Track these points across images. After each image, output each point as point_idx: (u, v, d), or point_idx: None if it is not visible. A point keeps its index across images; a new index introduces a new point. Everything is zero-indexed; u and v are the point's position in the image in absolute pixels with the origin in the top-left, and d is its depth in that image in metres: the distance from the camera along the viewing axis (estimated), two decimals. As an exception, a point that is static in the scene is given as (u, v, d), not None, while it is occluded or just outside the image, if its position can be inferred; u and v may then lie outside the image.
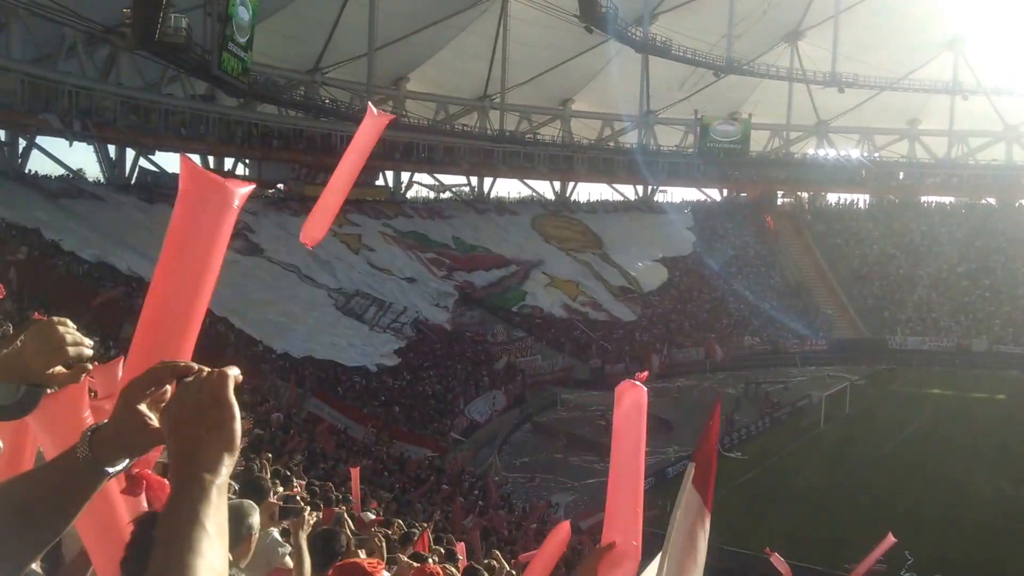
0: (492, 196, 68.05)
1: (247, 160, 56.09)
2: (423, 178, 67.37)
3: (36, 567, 2.42)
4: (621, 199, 72.81)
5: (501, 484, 31.46)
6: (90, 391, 2.33)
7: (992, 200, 72.70)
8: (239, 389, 1.54)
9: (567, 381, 48.17)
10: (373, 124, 4.41)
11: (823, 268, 66.26)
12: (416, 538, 9.18)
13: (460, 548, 12.15)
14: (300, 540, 4.54)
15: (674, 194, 74.96)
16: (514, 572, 10.24)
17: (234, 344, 34.10)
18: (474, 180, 68.28)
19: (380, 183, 61.78)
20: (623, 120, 72.49)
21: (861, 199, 75.23)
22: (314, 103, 57.26)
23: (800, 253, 68.38)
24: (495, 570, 9.62)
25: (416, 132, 60.73)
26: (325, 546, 4.83)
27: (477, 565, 7.29)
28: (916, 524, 26.64)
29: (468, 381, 42.84)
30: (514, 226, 61.82)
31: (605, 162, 69.23)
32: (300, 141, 55.31)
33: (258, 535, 3.82)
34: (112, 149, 49.37)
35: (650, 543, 3.37)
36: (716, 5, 64.19)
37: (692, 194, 75.59)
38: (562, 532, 4.45)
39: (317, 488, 12.32)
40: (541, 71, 64.96)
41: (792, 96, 71.89)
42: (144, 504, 2.36)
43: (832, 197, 76.54)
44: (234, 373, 1.55)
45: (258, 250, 44.62)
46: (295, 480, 12.17)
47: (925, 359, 55.51)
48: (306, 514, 4.84)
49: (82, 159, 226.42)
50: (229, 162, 55.94)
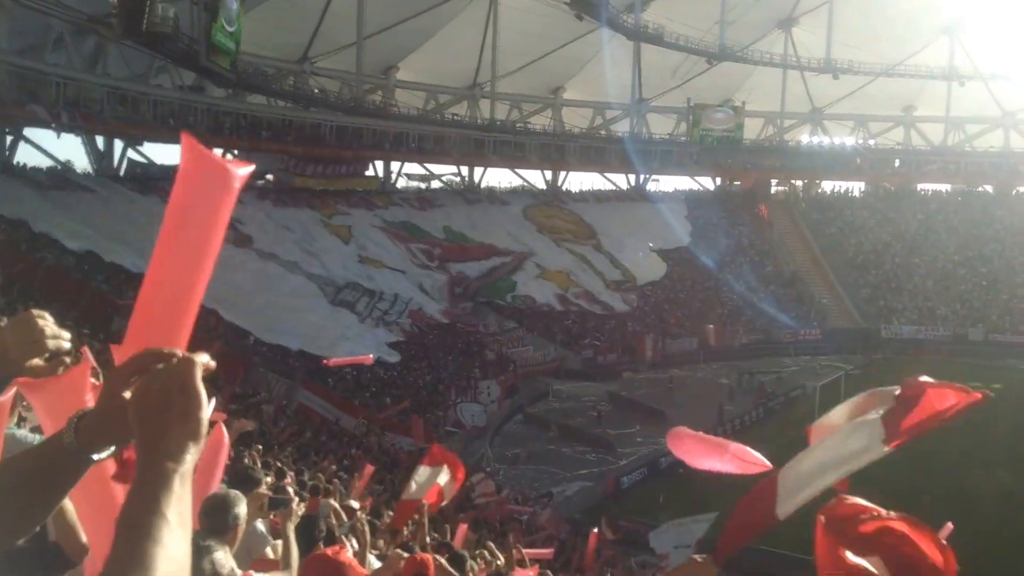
0: (483, 186, 67.61)
1: (236, 151, 55.56)
2: (413, 168, 67.06)
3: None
4: (613, 188, 72.34)
5: (493, 475, 31.23)
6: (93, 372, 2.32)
7: (989, 188, 72.40)
8: (214, 376, 1.53)
9: (559, 372, 47.87)
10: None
11: (818, 257, 65.88)
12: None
13: (461, 533, 12.37)
14: (288, 531, 4.62)
15: (667, 183, 74.63)
16: (501, 560, 10.01)
17: (224, 336, 33.75)
18: (464, 170, 67.80)
19: (370, 173, 61.34)
20: (615, 108, 72.09)
21: (856, 187, 74.96)
22: (303, 93, 56.77)
23: (794, 242, 68.00)
24: (486, 560, 9.43)
25: (406, 122, 60.26)
26: (305, 533, 5.02)
27: (463, 552, 7.08)
28: (910, 513, 26.38)
29: (459, 372, 42.54)
30: (505, 216, 61.40)
31: (597, 151, 68.72)
32: (289, 132, 54.78)
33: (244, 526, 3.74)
34: (100, 140, 49.01)
35: None
36: (709, -9, 63.73)
37: (685, 183, 75.19)
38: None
39: (307, 479, 12.26)
40: (532, 59, 64.47)
41: (786, 83, 71.44)
42: None
43: (827, 185, 76.18)
44: (203, 360, 1.53)
45: (248, 241, 44.19)
46: (287, 472, 12.07)
47: (921, 349, 55.11)
48: (294, 505, 4.94)
49: (70, 150, 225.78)
50: (218, 152, 55.39)
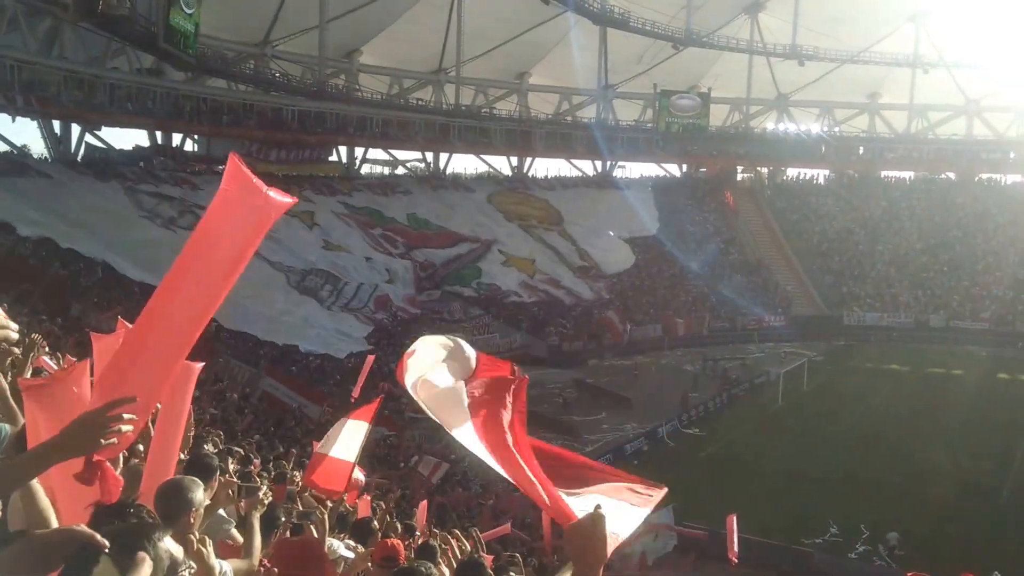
0: (448, 172, 67.06)
1: (196, 136, 54.71)
2: (377, 154, 66.40)
3: None
4: (579, 175, 72.12)
5: (459, 461, 31.00)
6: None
7: (952, 175, 73.01)
8: None
9: (524, 359, 47.59)
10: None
11: (782, 244, 66.15)
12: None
13: (421, 510, 12.40)
14: (253, 519, 4.73)
15: (633, 169, 74.58)
16: (466, 546, 9.75)
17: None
18: (429, 156, 67.22)
19: (333, 159, 60.61)
20: (581, 94, 71.78)
21: (821, 174, 75.25)
22: (264, 77, 55.82)
23: (759, 229, 68.21)
24: (451, 546, 9.16)
25: (369, 107, 59.53)
26: (266, 521, 5.08)
27: (432, 541, 6.88)
28: (873, 498, 26.62)
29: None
30: (471, 202, 60.97)
31: (563, 137, 68.43)
32: (250, 116, 53.88)
33: (203, 511, 3.79)
34: (57, 125, 48.00)
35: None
36: (675, -24, 63.59)
37: (651, 169, 75.13)
38: None
39: (272, 467, 12.33)
40: (497, 44, 63.78)
41: (752, 69, 71.52)
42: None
43: (792, 172, 76.50)
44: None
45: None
46: (253, 459, 12.34)
47: (883, 335, 55.65)
48: (261, 493, 5.11)
49: (26, 135, 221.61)
50: (177, 138, 54.56)
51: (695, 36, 67.01)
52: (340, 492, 8.74)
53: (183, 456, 5.01)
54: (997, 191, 70.81)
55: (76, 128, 48.93)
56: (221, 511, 5.44)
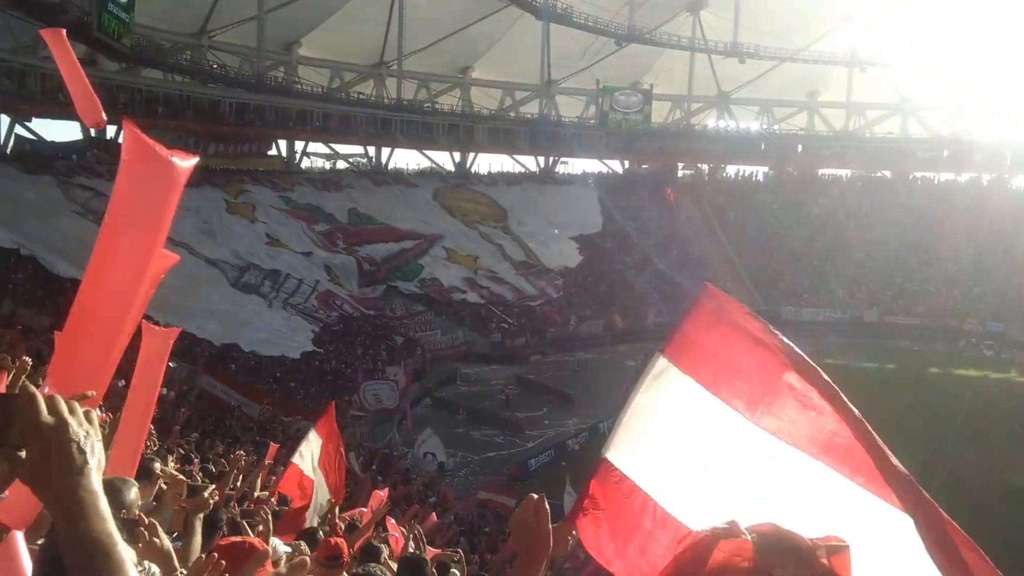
0: (390, 167, 66.56)
1: (130, 127, 53.51)
2: (318, 148, 65.65)
3: None
4: (522, 170, 72.12)
5: (400, 458, 30.90)
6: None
7: (887, 173, 74.42)
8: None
9: (467, 356, 47.55)
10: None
11: (722, 240, 66.84)
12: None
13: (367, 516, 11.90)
14: (195, 521, 4.53)
15: (575, 165, 74.82)
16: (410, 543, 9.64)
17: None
18: (371, 150, 66.67)
19: (273, 153, 59.83)
20: (524, 89, 71.77)
21: (760, 171, 76.16)
22: (201, 68, 54.82)
23: (700, 225, 68.82)
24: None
25: (309, 100, 58.74)
26: (206, 523, 4.88)
27: (376, 543, 6.77)
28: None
29: (365, 356, 41.81)
30: (414, 198, 60.61)
31: (506, 132, 68.28)
32: (188, 108, 52.75)
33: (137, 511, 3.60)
34: (-16, 115, 46.76)
35: None
36: (618, -28, 63.79)
37: (594, 165, 75.45)
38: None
39: (212, 467, 11.70)
40: (439, 38, 63.46)
41: (693, 67, 72.05)
42: None
43: (732, 169, 77.35)
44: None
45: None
46: (193, 458, 12.31)
47: (820, 330, 56.38)
48: (207, 494, 4.78)
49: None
50: (112, 129, 53.31)
51: (637, 32, 67.34)
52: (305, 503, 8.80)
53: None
54: (930, 189, 72.34)
55: (5, 119, 47.87)
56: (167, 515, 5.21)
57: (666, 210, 70.19)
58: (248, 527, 6.08)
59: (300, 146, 63.43)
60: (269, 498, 8.88)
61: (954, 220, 64.75)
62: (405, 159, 69.45)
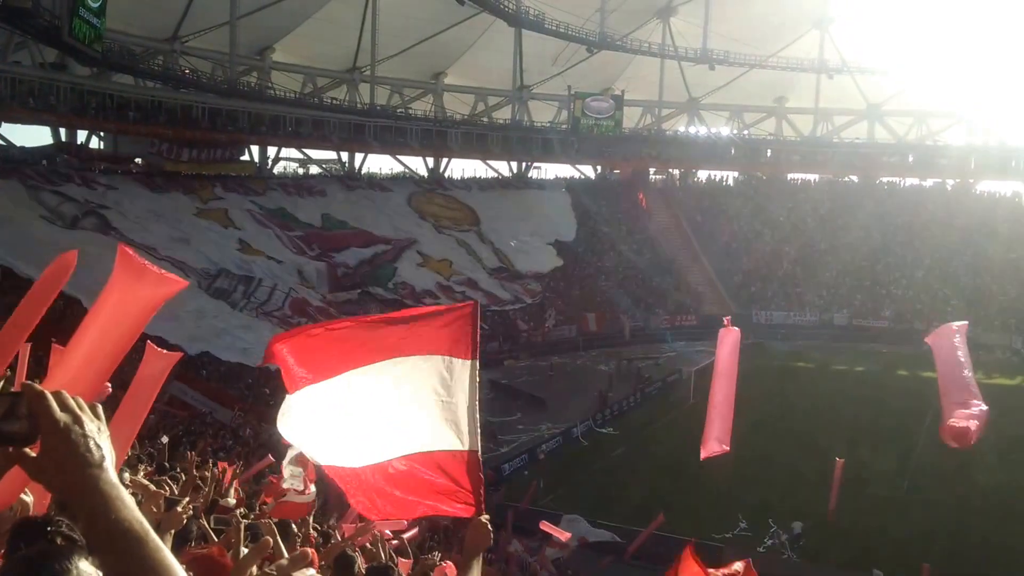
0: (363, 172, 66.54)
1: (102, 133, 53.20)
2: (291, 153, 65.55)
3: None
4: (495, 176, 72.30)
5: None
6: None
7: (855, 178, 75.29)
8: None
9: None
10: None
11: (693, 245, 67.33)
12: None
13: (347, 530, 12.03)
14: (166, 536, 4.42)
15: (548, 171, 75.10)
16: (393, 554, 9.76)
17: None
18: (344, 155, 66.62)
19: (245, 158, 59.60)
20: (497, 95, 72.00)
21: (730, 176, 76.85)
22: (173, 74, 54.50)
23: (671, 230, 69.30)
24: (372, 554, 9.12)
25: (282, 105, 58.64)
26: (177, 536, 4.87)
27: (349, 552, 6.81)
28: (781, 491, 27.33)
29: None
30: (388, 203, 60.56)
31: (479, 138, 68.41)
32: (159, 113, 52.61)
33: None
34: (-48, 121, 46.25)
35: None
36: (589, -22, 64.14)
37: (567, 170, 75.69)
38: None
39: (183, 475, 11.83)
40: (412, 43, 63.51)
41: (664, 73, 72.51)
42: None
43: (702, 174, 77.95)
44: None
45: (112, 229, 42.21)
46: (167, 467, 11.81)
47: (790, 333, 57.02)
48: (180, 508, 4.76)
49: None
50: (82, 135, 53.02)
51: (608, 39, 67.71)
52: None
53: None
54: (897, 193, 73.29)
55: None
56: None
57: (638, 215, 70.62)
58: (216, 535, 6.06)
59: (273, 151, 63.29)
60: (238, 508, 8.96)
61: (920, 224, 65.79)
62: (378, 164, 69.60)
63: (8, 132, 48.54)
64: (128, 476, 5.66)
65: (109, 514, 1.54)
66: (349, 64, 64.98)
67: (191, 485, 8.25)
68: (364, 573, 5.95)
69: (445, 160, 69.42)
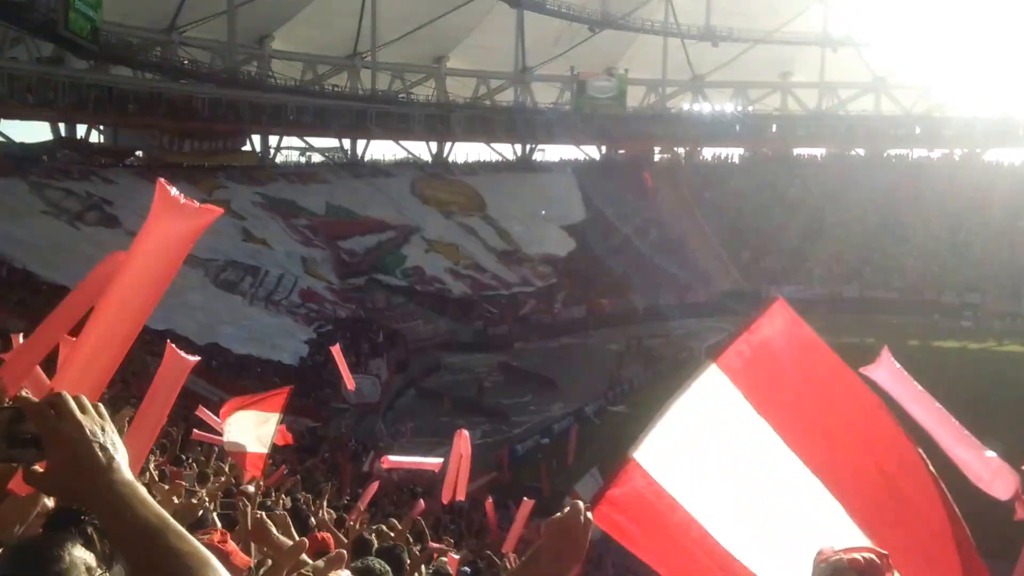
0: (367, 159, 66.26)
1: (102, 127, 53.04)
2: (293, 142, 65.31)
3: None
4: (500, 159, 71.98)
5: (386, 449, 30.79)
6: None
7: (861, 151, 74.76)
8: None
9: (450, 345, 47.45)
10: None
11: (700, 222, 66.99)
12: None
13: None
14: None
15: (552, 152, 74.73)
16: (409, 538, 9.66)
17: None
18: (347, 143, 66.35)
19: (247, 148, 59.36)
20: (499, 78, 71.61)
21: (736, 153, 76.40)
22: (172, 64, 54.24)
23: (678, 208, 68.90)
24: (386, 537, 9.04)
25: (283, 93, 58.38)
26: (191, 527, 4.58)
27: (366, 536, 6.75)
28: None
29: (348, 350, 41.55)
30: (392, 190, 60.32)
31: (482, 121, 68.05)
32: (159, 105, 52.14)
33: None
34: (-49, 118, 46.16)
35: None
36: (590, -43, 63.73)
37: (571, 152, 75.40)
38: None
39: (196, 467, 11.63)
40: (413, 28, 63.08)
41: (667, 51, 71.99)
42: None
43: (708, 152, 77.53)
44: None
45: (116, 223, 42.06)
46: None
47: (799, 308, 55.41)
48: (196, 500, 4.88)
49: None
50: (82, 129, 52.87)
51: (611, 18, 67.29)
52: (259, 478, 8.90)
53: None
54: (905, 165, 72.76)
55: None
56: None
57: (644, 194, 70.24)
58: (222, 520, 5.91)
59: (275, 141, 63.07)
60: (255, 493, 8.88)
61: (929, 195, 65.33)
62: (381, 150, 69.26)
63: (7, 129, 48.33)
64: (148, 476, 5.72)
65: (126, 513, 1.52)
66: (349, 50, 64.62)
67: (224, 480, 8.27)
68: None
69: (449, 144, 69.08)
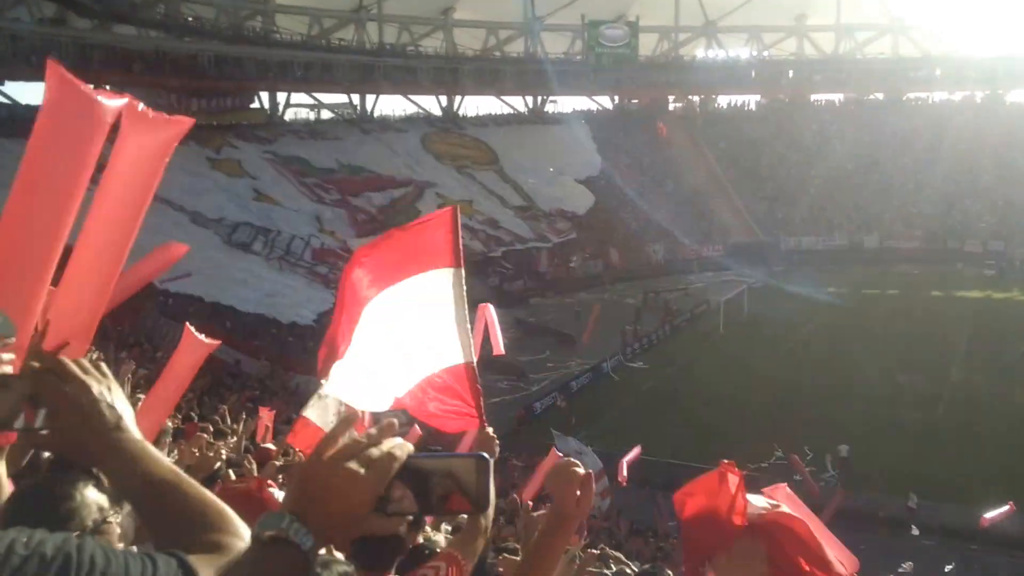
0: (376, 114, 65.29)
1: (107, 87, 52.13)
2: (301, 98, 64.37)
3: None
4: (511, 111, 70.90)
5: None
6: None
7: (880, 95, 73.28)
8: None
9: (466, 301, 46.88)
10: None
11: (716, 173, 66.05)
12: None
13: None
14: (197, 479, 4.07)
15: (564, 103, 73.54)
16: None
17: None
18: (355, 98, 65.34)
19: (255, 106, 58.46)
20: (508, 28, 70.25)
21: (752, 100, 75.10)
22: (176, 21, 53.25)
23: (694, 158, 67.91)
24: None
25: (289, 49, 57.48)
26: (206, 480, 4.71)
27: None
28: (816, 419, 26.74)
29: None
30: (402, 145, 59.51)
31: (492, 73, 66.95)
32: (164, 64, 51.34)
33: None
34: (-44, 81, 45.52)
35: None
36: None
37: (583, 103, 74.19)
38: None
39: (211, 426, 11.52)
40: (419, -22, 62.03)
41: (679, -5, 70.53)
42: None
43: (723, 100, 76.23)
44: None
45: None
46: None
47: (819, 258, 55.97)
48: (211, 454, 4.96)
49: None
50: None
51: (621, -37, 65.81)
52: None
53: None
54: (925, 109, 71.26)
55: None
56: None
57: (659, 145, 69.20)
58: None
59: (283, 98, 62.22)
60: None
61: (950, 140, 63.97)
62: (391, 106, 68.33)
63: (12, 91, 47.62)
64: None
65: (137, 470, 1.50)
66: (355, 3, 63.41)
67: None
68: None
69: (459, 98, 68.01)
